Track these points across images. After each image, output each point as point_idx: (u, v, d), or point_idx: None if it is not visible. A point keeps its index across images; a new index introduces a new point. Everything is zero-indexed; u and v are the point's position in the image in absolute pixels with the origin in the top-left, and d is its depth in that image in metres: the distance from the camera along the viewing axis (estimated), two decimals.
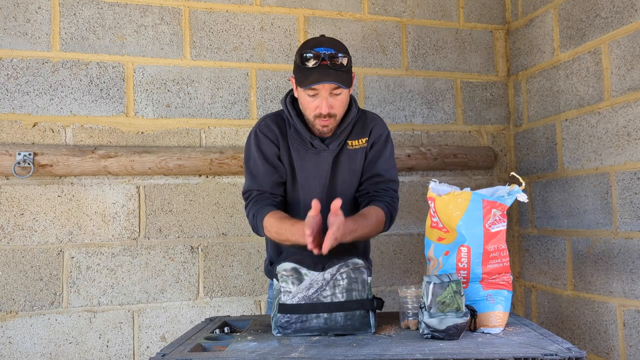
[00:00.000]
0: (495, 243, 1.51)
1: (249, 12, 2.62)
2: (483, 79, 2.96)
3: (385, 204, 1.79)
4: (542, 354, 1.24)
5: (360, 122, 1.83)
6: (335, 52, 1.66)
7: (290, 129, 1.79)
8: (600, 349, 2.34)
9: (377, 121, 1.86)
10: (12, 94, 2.31)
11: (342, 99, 1.71)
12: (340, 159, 1.81)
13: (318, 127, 1.73)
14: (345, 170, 1.82)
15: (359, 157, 1.83)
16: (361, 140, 1.81)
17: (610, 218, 2.28)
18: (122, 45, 2.45)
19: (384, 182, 1.82)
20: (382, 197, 1.80)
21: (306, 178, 1.81)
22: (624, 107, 2.21)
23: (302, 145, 1.78)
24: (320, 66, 1.64)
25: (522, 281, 2.88)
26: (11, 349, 2.25)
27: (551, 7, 2.63)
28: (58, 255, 2.33)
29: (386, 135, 1.86)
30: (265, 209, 1.74)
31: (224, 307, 2.51)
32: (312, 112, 1.70)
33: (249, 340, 1.47)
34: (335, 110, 1.70)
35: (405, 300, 1.56)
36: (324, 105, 1.67)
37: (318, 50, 1.66)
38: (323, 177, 1.80)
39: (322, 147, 1.77)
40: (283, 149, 1.80)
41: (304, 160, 1.79)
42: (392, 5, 2.83)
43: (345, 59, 1.68)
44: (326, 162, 1.79)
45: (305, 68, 1.67)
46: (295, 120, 1.76)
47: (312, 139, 1.76)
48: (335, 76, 1.64)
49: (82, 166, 2.31)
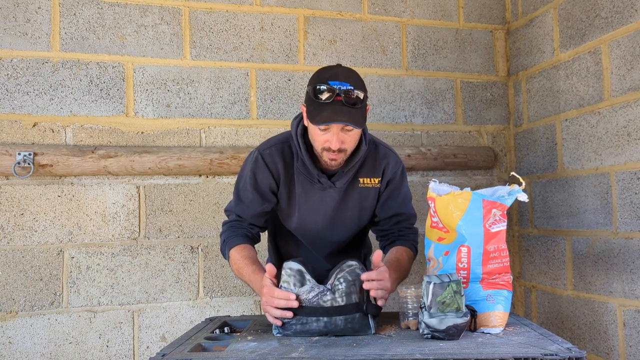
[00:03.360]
0: (496, 243, 1.51)
1: (249, 12, 2.62)
2: (483, 79, 2.96)
3: (411, 242, 1.79)
4: (542, 354, 1.24)
5: (371, 158, 1.76)
6: (351, 87, 1.57)
7: (297, 161, 1.73)
8: (600, 349, 2.34)
9: (390, 158, 1.78)
10: (12, 94, 2.31)
11: (354, 134, 1.63)
12: (349, 196, 1.76)
13: (326, 160, 1.66)
14: (355, 208, 1.78)
15: (372, 196, 1.78)
16: (374, 179, 1.76)
17: (610, 218, 2.28)
18: (122, 45, 2.45)
19: (405, 220, 1.80)
20: (407, 237, 1.79)
21: (308, 212, 1.77)
22: (624, 107, 2.21)
23: (307, 179, 1.73)
24: (334, 102, 1.55)
25: (522, 281, 2.88)
26: (11, 349, 2.25)
27: (551, 7, 2.63)
28: (58, 255, 2.33)
29: (401, 171, 1.79)
30: (235, 240, 1.74)
31: (224, 307, 2.51)
32: (321, 145, 1.63)
33: (249, 340, 1.47)
34: (346, 146, 1.63)
35: (405, 300, 1.56)
36: (334, 140, 1.59)
37: (333, 85, 1.55)
38: (327, 214, 1.77)
39: (328, 184, 1.72)
40: (284, 181, 1.74)
41: (309, 194, 1.75)
42: (392, 5, 2.83)
43: (361, 93, 1.58)
44: (332, 199, 1.75)
45: (317, 102, 1.57)
46: (304, 154, 1.69)
47: (320, 176, 1.70)
48: (349, 115, 1.55)
49: (82, 166, 2.31)
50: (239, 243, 1.72)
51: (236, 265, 1.71)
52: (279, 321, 1.49)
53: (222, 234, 1.80)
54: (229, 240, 1.75)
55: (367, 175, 1.75)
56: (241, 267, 1.68)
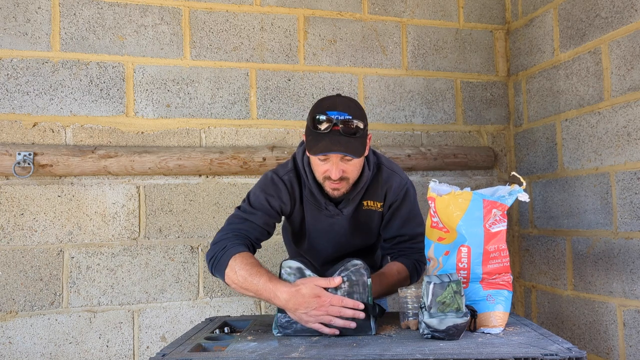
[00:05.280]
0: (496, 243, 1.50)
1: (249, 12, 2.62)
2: (483, 79, 2.96)
3: (412, 260, 1.76)
4: (542, 354, 1.24)
5: (375, 182, 1.76)
6: (349, 117, 1.56)
7: (305, 189, 1.74)
8: (600, 349, 2.34)
9: (393, 181, 1.77)
10: (12, 94, 2.31)
11: (355, 163, 1.62)
12: (356, 220, 1.78)
13: (328, 190, 1.67)
14: (363, 231, 1.80)
15: (375, 219, 1.79)
16: (376, 203, 1.76)
17: (610, 218, 2.28)
18: (122, 45, 2.45)
19: (407, 240, 1.79)
20: (408, 255, 1.78)
21: (317, 237, 1.80)
22: (624, 107, 2.21)
23: (316, 207, 1.75)
24: (332, 132, 1.54)
25: (522, 281, 2.88)
26: (11, 349, 2.25)
27: (551, 7, 2.63)
28: (58, 255, 2.33)
29: (404, 193, 1.77)
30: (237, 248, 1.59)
31: (224, 307, 2.51)
32: (322, 174, 1.64)
33: (249, 340, 1.47)
34: (348, 175, 1.63)
35: (405, 300, 1.56)
36: (334, 170, 1.59)
37: (331, 115, 1.55)
38: (336, 240, 1.79)
39: (336, 211, 1.73)
40: (298, 207, 1.76)
41: (317, 220, 1.77)
42: (392, 5, 2.83)
43: (361, 123, 1.57)
44: (340, 227, 1.77)
45: (316, 132, 1.57)
46: (312, 183, 1.70)
47: (327, 205, 1.72)
48: (347, 145, 1.54)
49: (82, 166, 2.31)
50: (241, 251, 1.61)
51: (244, 271, 1.54)
52: (336, 330, 1.45)
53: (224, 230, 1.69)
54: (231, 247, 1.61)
55: (370, 198, 1.76)
56: (251, 273, 1.53)
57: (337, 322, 1.44)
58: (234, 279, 1.54)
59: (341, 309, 1.44)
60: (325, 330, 1.45)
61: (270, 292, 1.48)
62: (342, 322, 1.44)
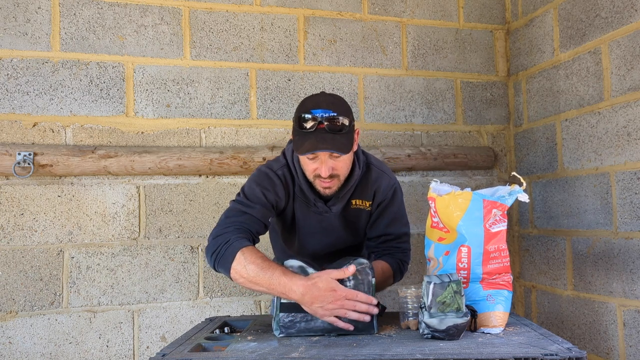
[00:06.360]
0: (496, 243, 1.51)
1: (249, 12, 2.62)
2: (483, 79, 2.96)
3: (396, 260, 1.77)
4: (542, 354, 1.24)
5: (364, 181, 1.76)
6: (334, 114, 1.56)
7: (295, 186, 1.74)
8: (600, 349, 2.34)
9: (382, 181, 1.77)
10: (12, 94, 2.31)
11: (344, 160, 1.63)
12: (345, 219, 1.78)
13: (319, 188, 1.67)
14: (351, 229, 1.80)
15: (363, 218, 1.79)
16: (365, 202, 1.77)
17: (610, 218, 2.28)
18: (122, 45, 2.45)
19: (393, 239, 1.80)
20: (393, 255, 1.78)
21: (306, 235, 1.80)
22: (624, 107, 2.21)
23: (305, 204, 1.75)
24: (317, 130, 1.55)
25: (522, 281, 2.88)
26: (11, 349, 2.25)
27: (551, 7, 2.63)
28: (58, 255, 2.33)
29: (392, 192, 1.78)
30: (242, 242, 1.55)
31: (224, 307, 2.51)
32: (311, 173, 1.64)
33: (249, 340, 1.47)
34: (338, 172, 1.63)
35: (405, 300, 1.56)
36: (323, 168, 1.59)
37: (315, 113, 1.55)
38: (325, 237, 1.80)
39: (325, 209, 1.74)
40: (290, 204, 1.76)
41: (306, 217, 1.77)
42: (392, 5, 2.83)
43: (346, 119, 1.57)
44: (329, 224, 1.77)
45: (302, 132, 1.57)
46: (302, 179, 1.70)
47: (316, 201, 1.72)
48: (333, 142, 1.54)
49: (82, 166, 2.31)
50: (247, 245, 1.58)
51: (257, 264, 1.49)
52: (350, 325, 1.45)
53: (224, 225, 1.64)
54: (237, 241, 1.57)
55: (359, 197, 1.76)
56: (264, 267, 1.49)
57: (352, 315, 1.45)
58: (242, 274, 1.50)
59: (356, 304, 1.45)
60: (340, 324, 1.46)
61: (284, 286, 1.45)
62: (356, 315, 1.45)
